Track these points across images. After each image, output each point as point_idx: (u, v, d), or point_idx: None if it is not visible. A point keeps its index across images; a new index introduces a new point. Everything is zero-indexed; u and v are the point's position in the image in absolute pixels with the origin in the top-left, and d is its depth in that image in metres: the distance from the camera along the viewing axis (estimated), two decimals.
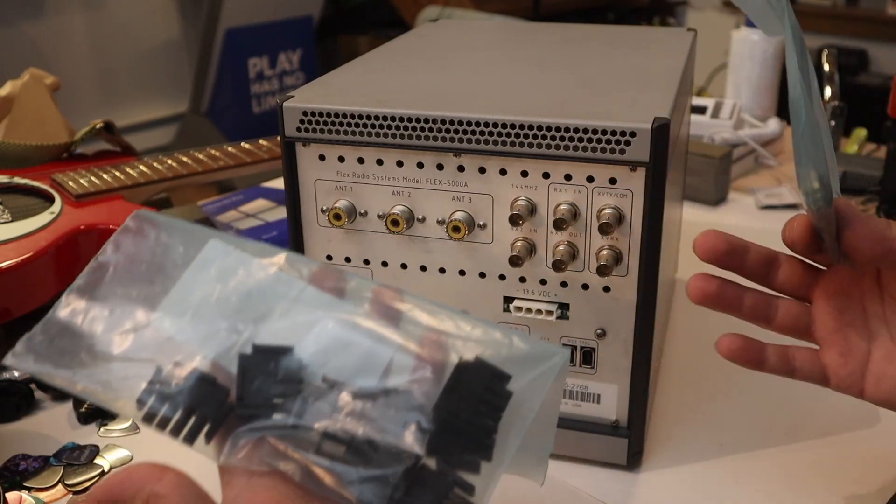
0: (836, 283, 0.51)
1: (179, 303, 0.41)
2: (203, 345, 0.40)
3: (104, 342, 0.41)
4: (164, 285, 0.42)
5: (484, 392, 0.39)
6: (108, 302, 0.42)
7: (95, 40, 3.24)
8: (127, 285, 0.42)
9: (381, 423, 0.38)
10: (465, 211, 0.59)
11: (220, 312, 0.41)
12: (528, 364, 0.40)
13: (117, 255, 0.43)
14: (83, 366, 0.40)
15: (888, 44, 3.18)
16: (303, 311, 0.41)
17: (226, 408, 0.39)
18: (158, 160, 0.97)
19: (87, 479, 0.63)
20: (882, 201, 1.05)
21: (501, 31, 0.89)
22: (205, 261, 0.42)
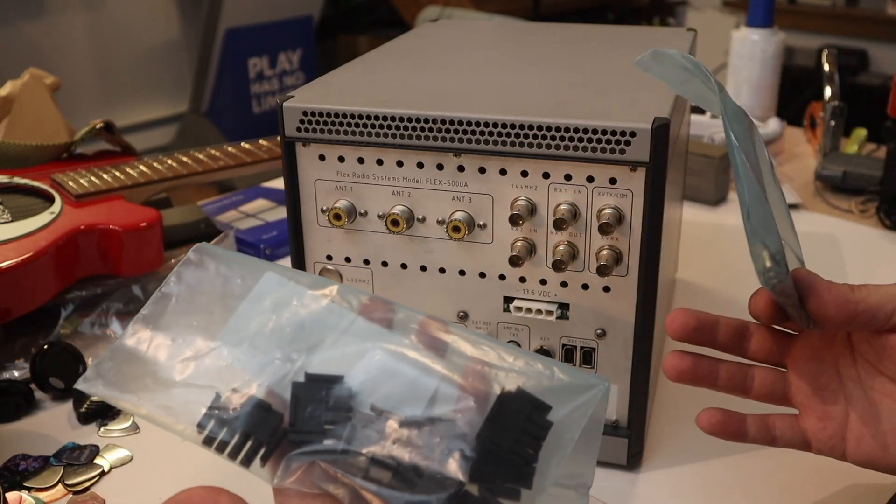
0: (809, 348, 0.52)
1: (237, 332, 0.44)
2: (259, 373, 0.42)
3: (167, 369, 0.43)
4: (223, 315, 0.45)
5: (525, 422, 0.41)
6: (171, 331, 0.44)
7: (95, 40, 3.24)
8: (189, 315, 0.45)
9: (425, 451, 0.40)
10: (465, 211, 0.59)
11: (274, 342, 0.43)
12: (569, 394, 0.41)
13: (180, 286, 0.46)
14: (147, 390, 0.43)
15: (888, 44, 3.18)
16: (352, 342, 0.43)
17: (280, 433, 0.41)
18: (158, 160, 0.97)
19: (87, 479, 0.63)
20: (882, 201, 1.05)
21: (501, 31, 0.89)
22: (261, 292, 0.45)
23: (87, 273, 0.83)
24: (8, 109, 1.02)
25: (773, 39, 1.31)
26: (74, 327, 0.82)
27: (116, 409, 0.72)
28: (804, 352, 0.52)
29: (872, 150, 1.30)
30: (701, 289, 0.90)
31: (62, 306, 0.83)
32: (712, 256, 0.96)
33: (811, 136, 1.34)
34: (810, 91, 1.46)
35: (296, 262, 0.65)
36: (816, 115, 1.29)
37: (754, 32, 1.31)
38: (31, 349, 0.76)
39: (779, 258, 0.46)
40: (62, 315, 0.82)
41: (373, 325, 0.43)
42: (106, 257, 0.83)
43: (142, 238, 0.84)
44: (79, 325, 0.82)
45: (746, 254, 0.48)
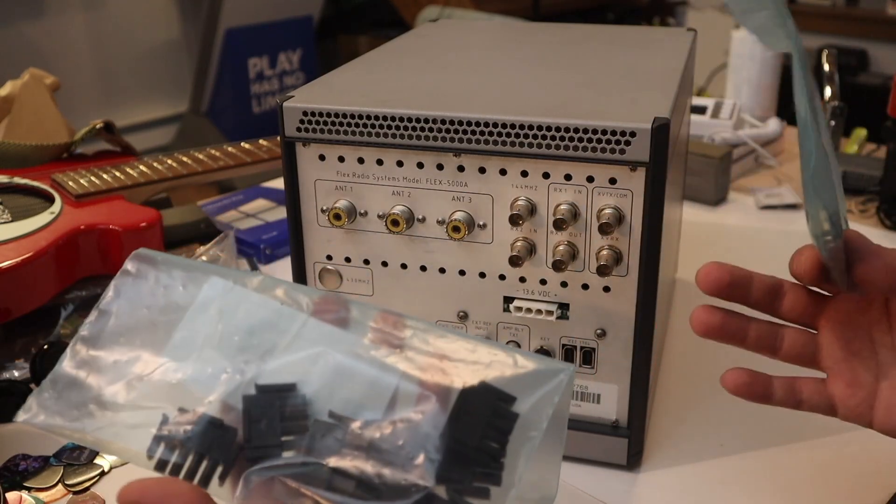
0: (843, 312, 0.50)
1: (184, 346, 0.42)
2: (209, 387, 0.40)
3: (111, 392, 0.41)
4: (167, 328, 0.42)
5: (490, 416, 0.39)
6: (113, 351, 0.42)
7: (95, 40, 3.24)
8: (130, 331, 0.42)
9: (389, 456, 0.38)
10: (465, 211, 0.59)
11: (223, 353, 0.41)
12: (534, 383, 0.39)
13: (119, 301, 0.43)
14: (92, 417, 0.41)
15: (888, 44, 3.18)
16: (305, 346, 0.41)
17: (235, 449, 0.39)
18: (158, 160, 0.97)
19: (87, 479, 0.64)
20: (882, 201, 1.05)
21: (501, 31, 0.89)
22: (206, 300, 0.43)
23: (87, 273, 0.83)
24: (8, 109, 1.02)
25: None
26: (74, 327, 0.82)
27: None
28: (838, 315, 0.50)
29: (872, 150, 1.30)
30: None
31: (62, 306, 0.83)
32: (712, 256, 0.96)
33: None
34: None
35: (296, 262, 0.65)
36: None
37: None
38: (31, 349, 0.76)
39: (835, 220, 0.44)
40: (62, 315, 0.82)
41: (326, 326, 0.41)
42: (106, 257, 0.83)
43: (142, 238, 0.84)
44: (79, 325, 0.82)
45: (746, 254, 0.48)
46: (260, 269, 0.94)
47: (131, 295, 0.43)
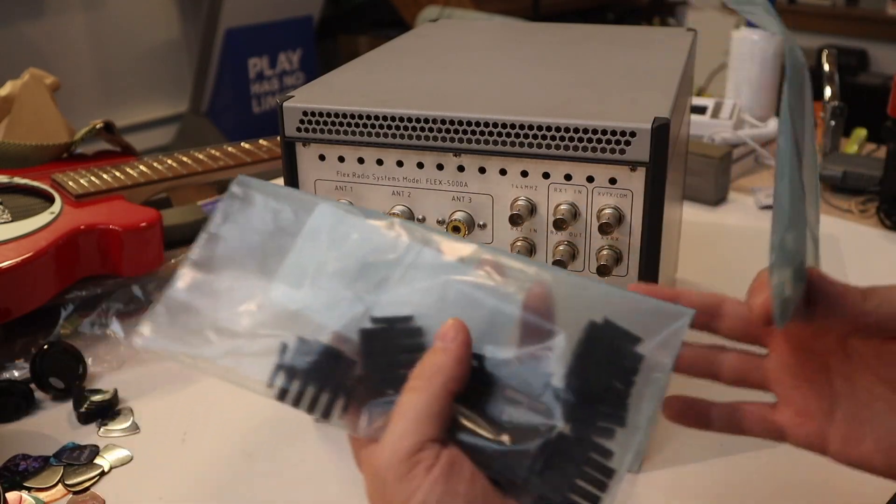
0: (795, 336, 0.46)
1: (296, 273, 0.41)
2: (325, 316, 0.40)
3: (227, 319, 0.40)
4: (278, 254, 0.41)
5: (615, 355, 0.38)
6: (225, 275, 0.41)
7: (95, 40, 3.24)
8: (241, 256, 0.42)
9: (514, 394, 0.38)
10: (465, 211, 0.59)
11: (338, 282, 0.41)
12: (655, 323, 0.39)
13: (227, 224, 0.42)
14: (210, 344, 0.40)
15: (888, 44, 3.18)
16: (421, 276, 0.40)
17: (355, 381, 0.39)
18: (158, 160, 0.97)
19: (87, 479, 0.63)
20: (882, 201, 1.05)
21: (501, 31, 0.89)
22: (316, 227, 0.42)
23: (87, 273, 0.83)
24: (8, 109, 1.02)
25: (773, 39, 1.31)
26: (74, 327, 0.82)
27: (116, 409, 0.72)
28: (790, 339, 0.47)
29: (872, 150, 1.30)
30: (701, 289, 0.90)
31: (62, 306, 0.83)
32: (712, 256, 0.96)
33: None
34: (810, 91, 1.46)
35: None
36: (816, 115, 1.29)
37: (754, 32, 1.31)
38: (31, 349, 0.76)
39: (801, 277, 0.42)
40: (62, 315, 0.82)
41: (440, 256, 0.40)
42: (106, 257, 0.83)
43: (142, 238, 0.84)
44: (79, 325, 0.82)
45: (746, 254, 0.48)
46: None
47: (240, 219, 0.42)
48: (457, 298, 0.40)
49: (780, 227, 0.40)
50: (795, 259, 0.41)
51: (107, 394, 0.72)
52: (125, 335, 0.81)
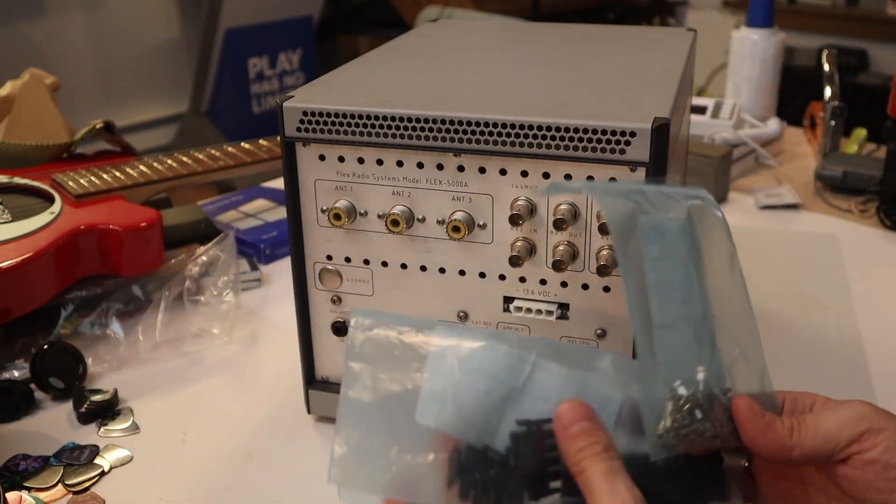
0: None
1: (436, 399, 0.45)
2: (470, 430, 0.44)
3: (409, 439, 0.44)
4: (413, 385, 0.45)
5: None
6: (386, 402, 0.45)
7: (95, 40, 3.24)
8: (387, 383, 0.45)
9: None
10: (465, 211, 0.59)
11: (475, 397, 0.44)
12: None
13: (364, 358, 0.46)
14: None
15: (888, 44, 3.18)
16: (539, 383, 0.45)
17: (512, 481, 0.43)
18: (158, 160, 0.97)
19: (87, 479, 0.64)
20: (882, 201, 1.05)
21: (501, 31, 0.89)
22: (440, 356, 0.45)
23: (87, 273, 0.83)
24: (8, 109, 1.02)
25: (773, 39, 1.31)
26: (74, 327, 0.82)
27: (116, 409, 0.72)
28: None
29: (872, 150, 1.30)
30: None
31: (62, 306, 0.83)
32: None
33: (811, 136, 1.34)
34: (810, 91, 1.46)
35: (296, 262, 0.65)
36: (816, 115, 1.29)
37: (754, 32, 1.31)
38: (31, 349, 0.76)
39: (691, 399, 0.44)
40: (62, 315, 0.82)
41: (552, 365, 0.45)
42: (106, 257, 0.83)
43: (142, 238, 0.84)
44: (79, 325, 0.82)
45: (746, 254, 0.48)
46: (259, 270, 0.94)
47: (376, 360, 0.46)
48: (574, 391, 0.44)
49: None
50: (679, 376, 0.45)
51: (107, 394, 0.72)
52: (125, 335, 0.81)
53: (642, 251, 0.44)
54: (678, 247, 0.45)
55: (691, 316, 0.45)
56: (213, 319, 0.83)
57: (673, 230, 0.45)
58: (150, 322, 0.81)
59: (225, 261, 0.88)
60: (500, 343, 0.45)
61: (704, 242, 0.46)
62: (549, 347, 0.45)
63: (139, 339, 0.80)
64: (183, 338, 0.81)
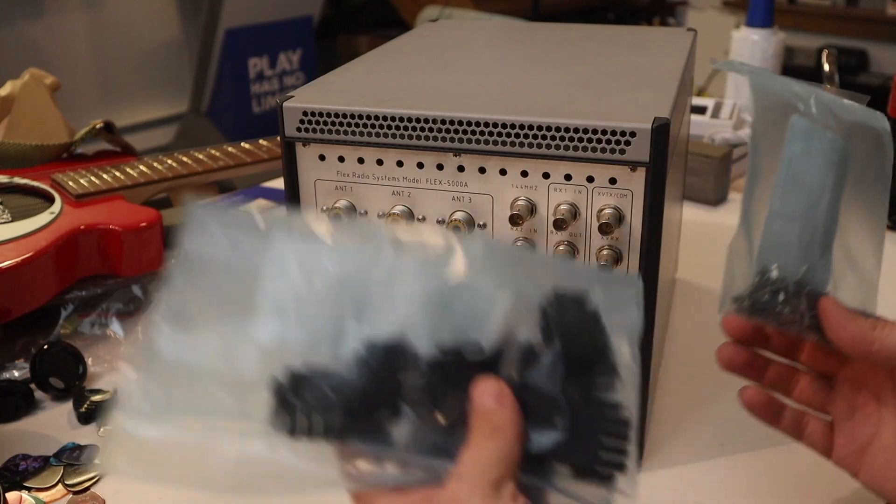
0: (855, 369, 0.52)
1: (276, 307, 0.40)
2: (317, 349, 0.39)
3: (225, 369, 0.39)
4: (246, 291, 0.40)
5: (581, 313, 0.40)
6: (208, 322, 0.40)
7: (95, 40, 3.24)
8: (213, 300, 0.40)
9: (529, 385, 0.39)
10: (465, 211, 0.59)
11: (321, 310, 0.40)
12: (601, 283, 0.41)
13: (190, 262, 0.41)
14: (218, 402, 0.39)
15: (888, 44, 3.18)
16: (397, 286, 0.40)
17: (358, 407, 0.39)
18: (158, 160, 0.97)
19: (87, 479, 0.63)
20: None
21: (501, 31, 0.89)
22: (280, 258, 0.41)
23: (87, 273, 0.83)
24: (8, 109, 1.02)
25: (773, 39, 1.31)
26: (74, 327, 0.82)
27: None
28: (850, 372, 0.52)
29: None
30: (701, 289, 0.90)
31: (62, 306, 0.83)
32: (712, 256, 0.96)
33: None
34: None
35: None
36: None
37: (754, 32, 1.31)
38: (31, 349, 0.76)
39: (789, 285, 0.47)
40: (62, 315, 0.82)
41: (410, 261, 0.40)
42: (106, 257, 0.83)
43: (142, 238, 0.84)
44: (79, 325, 0.82)
45: None
46: None
47: (201, 267, 0.40)
48: (433, 301, 0.40)
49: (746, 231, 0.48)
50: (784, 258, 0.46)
51: (107, 394, 0.72)
52: (125, 335, 0.81)
53: (786, 145, 0.45)
54: (821, 155, 0.46)
55: (811, 218, 0.46)
56: None
57: (824, 138, 0.46)
58: None
59: None
60: (350, 243, 0.40)
61: (859, 160, 0.47)
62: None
63: (139, 339, 0.80)
64: None
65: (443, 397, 0.39)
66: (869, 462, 0.51)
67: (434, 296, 0.40)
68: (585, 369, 0.39)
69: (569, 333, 0.40)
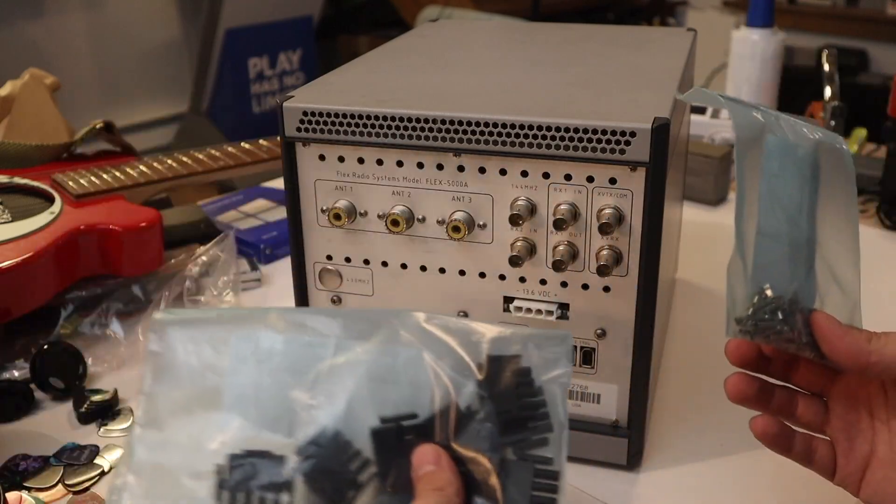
0: (846, 385, 0.52)
1: (240, 401, 0.44)
2: (274, 430, 0.43)
3: (201, 462, 0.43)
4: (215, 390, 0.44)
5: (513, 374, 0.43)
6: (177, 425, 0.44)
7: (95, 40, 3.24)
8: (185, 402, 0.44)
9: (466, 447, 0.42)
10: (465, 211, 0.59)
11: (277, 394, 0.44)
12: (535, 345, 0.43)
13: (160, 379, 0.45)
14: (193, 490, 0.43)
15: (888, 44, 3.18)
16: (341, 368, 0.44)
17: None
18: (158, 160, 0.97)
19: (87, 479, 0.64)
20: (882, 201, 1.05)
21: (501, 31, 0.89)
22: (240, 356, 0.45)
23: (87, 273, 0.83)
24: (8, 109, 1.02)
25: (773, 39, 1.31)
26: (74, 327, 0.82)
27: (116, 409, 0.72)
28: (842, 388, 0.52)
29: (872, 150, 1.30)
30: (701, 289, 0.90)
31: (62, 306, 0.83)
32: (712, 256, 0.96)
33: None
34: (810, 91, 1.46)
35: (296, 262, 0.65)
36: (816, 115, 1.29)
37: (754, 32, 1.31)
38: (31, 349, 0.76)
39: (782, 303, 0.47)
40: (62, 315, 0.82)
41: (352, 344, 0.44)
42: (106, 257, 0.83)
43: (142, 238, 0.84)
44: (79, 325, 0.82)
45: None
46: (259, 270, 0.94)
47: (169, 369, 0.45)
48: (375, 377, 0.43)
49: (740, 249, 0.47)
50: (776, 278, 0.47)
51: (107, 394, 0.72)
52: (125, 335, 0.81)
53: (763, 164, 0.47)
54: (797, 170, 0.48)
55: (794, 235, 0.48)
56: None
57: (797, 155, 0.48)
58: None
59: (225, 261, 0.88)
60: (300, 334, 0.44)
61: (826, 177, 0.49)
62: (359, 320, 0.45)
63: (139, 339, 0.80)
64: None
65: (388, 466, 0.42)
66: (868, 479, 0.51)
67: (377, 371, 0.43)
68: (519, 427, 0.42)
69: (503, 395, 0.43)
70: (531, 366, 0.43)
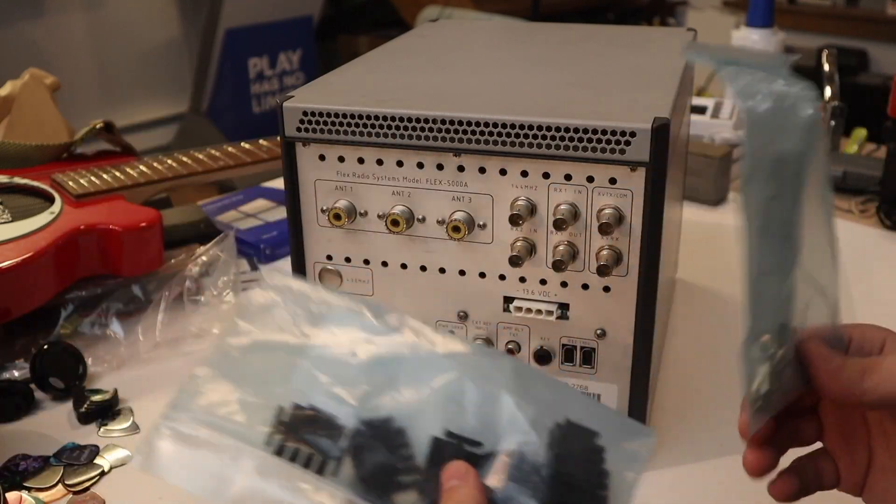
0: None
1: (318, 361, 0.43)
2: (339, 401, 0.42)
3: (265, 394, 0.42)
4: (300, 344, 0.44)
5: (585, 450, 0.42)
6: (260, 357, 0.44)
7: (95, 40, 3.24)
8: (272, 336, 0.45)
9: (508, 491, 0.41)
10: (465, 211, 0.59)
11: (356, 376, 0.43)
12: (615, 425, 0.42)
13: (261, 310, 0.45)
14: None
15: (888, 44, 3.18)
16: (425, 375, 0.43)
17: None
18: (158, 160, 0.97)
19: (87, 479, 0.63)
20: (882, 201, 1.05)
21: (501, 31, 0.89)
22: (332, 330, 0.44)
23: (87, 273, 0.83)
24: (8, 109, 1.02)
25: (773, 39, 1.31)
26: (74, 327, 0.82)
27: (116, 409, 0.72)
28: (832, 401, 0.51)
29: (872, 150, 1.30)
30: (701, 289, 0.90)
31: (62, 306, 0.83)
32: (712, 256, 0.96)
33: None
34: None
35: (296, 262, 0.65)
36: None
37: (754, 32, 1.31)
38: (31, 349, 0.76)
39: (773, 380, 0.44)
40: (62, 315, 0.82)
41: (440, 358, 0.43)
42: (106, 257, 0.83)
43: (142, 238, 0.84)
44: (79, 325, 0.82)
45: None
46: (260, 270, 0.94)
47: (268, 313, 0.46)
48: (450, 395, 0.42)
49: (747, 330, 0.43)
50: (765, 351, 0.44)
51: (107, 394, 0.72)
52: (125, 335, 0.81)
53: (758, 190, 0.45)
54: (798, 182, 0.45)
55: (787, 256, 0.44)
56: (214, 319, 0.83)
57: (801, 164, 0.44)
58: (150, 322, 0.81)
59: (225, 261, 0.88)
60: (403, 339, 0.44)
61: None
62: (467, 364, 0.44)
63: (139, 339, 0.80)
64: (183, 338, 0.81)
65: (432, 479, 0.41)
66: (870, 485, 0.50)
67: (453, 389, 0.43)
68: (573, 497, 0.41)
69: (568, 459, 0.41)
70: (605, 447, 0.41)
